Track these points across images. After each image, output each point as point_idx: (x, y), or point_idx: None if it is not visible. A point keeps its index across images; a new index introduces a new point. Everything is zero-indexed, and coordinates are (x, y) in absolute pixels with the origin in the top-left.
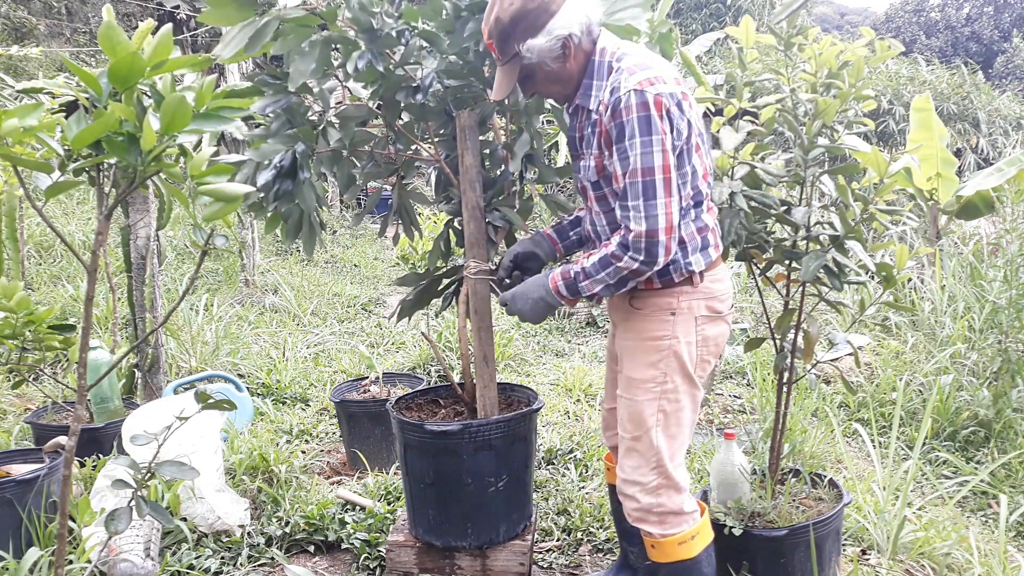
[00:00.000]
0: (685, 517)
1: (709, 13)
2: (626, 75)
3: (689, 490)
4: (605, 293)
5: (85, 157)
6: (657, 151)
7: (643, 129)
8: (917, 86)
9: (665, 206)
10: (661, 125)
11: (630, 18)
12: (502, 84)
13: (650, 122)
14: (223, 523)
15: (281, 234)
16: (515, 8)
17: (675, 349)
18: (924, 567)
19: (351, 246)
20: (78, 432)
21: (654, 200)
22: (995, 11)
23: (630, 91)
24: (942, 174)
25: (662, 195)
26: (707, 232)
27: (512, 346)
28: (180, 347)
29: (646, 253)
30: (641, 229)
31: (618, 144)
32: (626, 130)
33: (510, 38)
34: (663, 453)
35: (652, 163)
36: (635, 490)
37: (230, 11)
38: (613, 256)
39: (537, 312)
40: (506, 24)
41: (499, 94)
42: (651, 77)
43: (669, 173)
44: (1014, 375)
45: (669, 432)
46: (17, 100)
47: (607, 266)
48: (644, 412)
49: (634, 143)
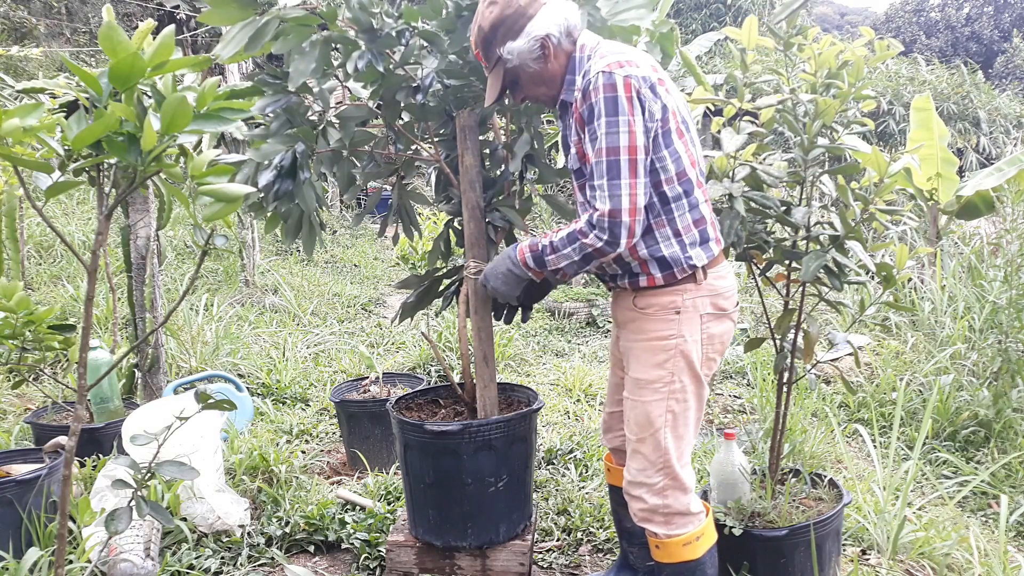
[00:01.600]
0: (691, 518)
1: (709, 13)
2: (597, 59)
3: (695, 490)
4: (570, 271)
5: (85, 157)
6: (624, 132)
7: (609, 109)
8: (917, 86)
9: (630, 187)
10: (628, 107)
11: (635, 19)
12: (491, 90)
13: (616, 102)
14: (223, 523)
15: (281, 234)
16: (494, 15)
17: (682, 348)
18: (924, 567)
19: (351, 246)
20: (78, 432)
21: (618, 180)
22: (995, 11)
23: (599, 72)
24: (942, 174)
25: (627, 175)
26: (705, 225)
27: (512, 346)
28: (180, 347)
29: (609, 233)
30: (605, 208)
31: (588, 125)
32: (595, 110)
33: (492, 43)
34: (671, 454)
35: (617, 143)
36: (642, 491)
37: (231, 11)
38: (580, 232)
39: (508, 285)
40: (487, 31)
41: (488, 100)
42: (621, 60)
43: (635, 155)
44: (1014, 375)
45: (677, 432)
46: (17, 100)
47: (573, 242)
48: (652, 413)
49: (601, 123)
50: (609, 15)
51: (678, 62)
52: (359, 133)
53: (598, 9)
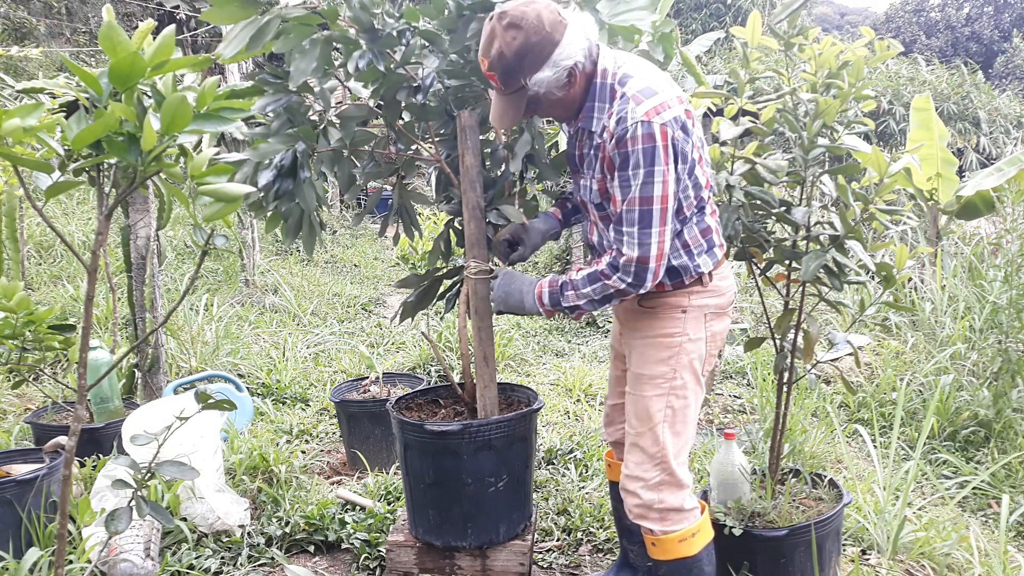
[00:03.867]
0: (686, 514)
1: (709, 13)
2: (632, 105)
3: (691, 488)
4: (588, 308)
5: (85, 157)
6: (659, 181)
7: (647, 160)
8: (917, 86)
9: (659, 235)
10: (664, 156)
11: (635, 19)
12: (506, 114)
13: (655, 153)
14: (223, 523)
15: (281, 234)
16: (519, 43)
17: (686, 346)
18: (924, 567)
19: (351, 246)
20: (78, 432)
21: (649, 229)
22: (995, 11)
23: (637, 122)
24: (942, 174)
25: (657, 224)
26: (711, 234)
27: (512, 346)
28: (180, 347)
29: (635, 277)
30: (633, 255)
31: (621, 172)
32: (630, 160)
33: (516, 73)
34: (668, 450)
35: (652, 193)
36: (637, 486)
37: (232, 10)
38: (602, 274)
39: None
40: (510, 60)
41: (503, 123)
42: (657, 105)
43: (667, 203)
44: (1014, 375)
45: (675, 429)
46: (17, 100)
47: (595, 282)
48: (652, 408)
49: (637, 173)
50: (609, 16)
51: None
52: (359, 133)
53: (598, 12)
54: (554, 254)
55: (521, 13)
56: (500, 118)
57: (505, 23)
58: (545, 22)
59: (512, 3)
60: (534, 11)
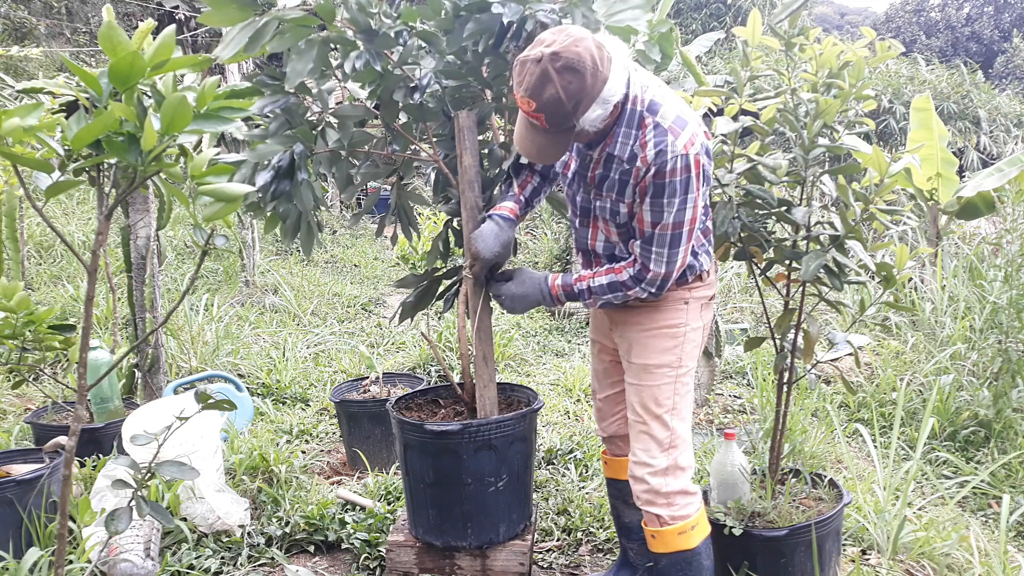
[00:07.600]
0: (691, 497)
1: (709, 13)
2: (671, 138)
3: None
4: (603, 306)
5: (85, 157)
6: (690, 207)
7: (683, 189)
8: (917, 86)
9: (684, 251)
10: (697, 183)
11: (630, 19)
12: (549, 151)
13: (689, 183)
14: (223, 523)
15: (280, 234)
16: (575, 87)
17: (689, 335)
18: (924, 567)
19: (351, 246)
20: (78, 432)
21: (678, 248)
22: (995, 11)
23: (677, 156)
24: (942, 174)
25: (684, 243)
26: (709, 234)
27: (512, 346)
28: (180, 347)
29: (658, 288)
30: (660, 272)
31: (655, 199)
32: (667, 189)
33: (569, 116)
34: (676, 435)
35: (684, 218)
36: (645, 472)
37: (230, 12)
38: (623, 284)
39: (526, 309)
40: (567, 105)
41: (545, 159)
42: (691, 136)
43: (695, 224)
44: (1014, 375)
45: (681, 415)
46: (17, 100)
47: (616, 290)
48: (660, 396)
49: (673, 201)
50: (605, 16)
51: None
52: (357, 133)
53: (593, 12)
54: (554, 254)
55: (576, 56)
56: (540, 154)
57: (559, 66)
58: (598, 62)
59: (557, 40)
60: (587, 51)
